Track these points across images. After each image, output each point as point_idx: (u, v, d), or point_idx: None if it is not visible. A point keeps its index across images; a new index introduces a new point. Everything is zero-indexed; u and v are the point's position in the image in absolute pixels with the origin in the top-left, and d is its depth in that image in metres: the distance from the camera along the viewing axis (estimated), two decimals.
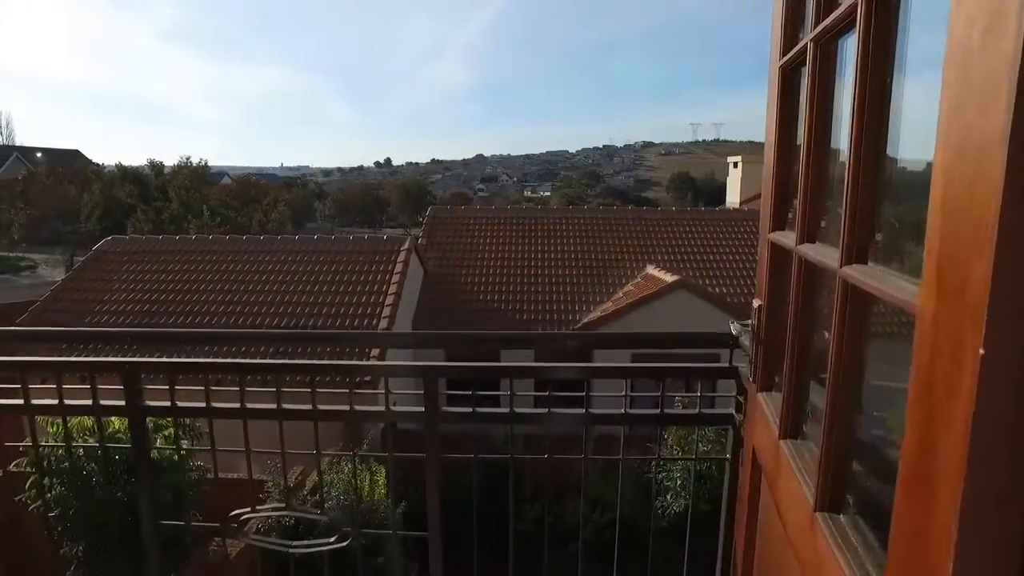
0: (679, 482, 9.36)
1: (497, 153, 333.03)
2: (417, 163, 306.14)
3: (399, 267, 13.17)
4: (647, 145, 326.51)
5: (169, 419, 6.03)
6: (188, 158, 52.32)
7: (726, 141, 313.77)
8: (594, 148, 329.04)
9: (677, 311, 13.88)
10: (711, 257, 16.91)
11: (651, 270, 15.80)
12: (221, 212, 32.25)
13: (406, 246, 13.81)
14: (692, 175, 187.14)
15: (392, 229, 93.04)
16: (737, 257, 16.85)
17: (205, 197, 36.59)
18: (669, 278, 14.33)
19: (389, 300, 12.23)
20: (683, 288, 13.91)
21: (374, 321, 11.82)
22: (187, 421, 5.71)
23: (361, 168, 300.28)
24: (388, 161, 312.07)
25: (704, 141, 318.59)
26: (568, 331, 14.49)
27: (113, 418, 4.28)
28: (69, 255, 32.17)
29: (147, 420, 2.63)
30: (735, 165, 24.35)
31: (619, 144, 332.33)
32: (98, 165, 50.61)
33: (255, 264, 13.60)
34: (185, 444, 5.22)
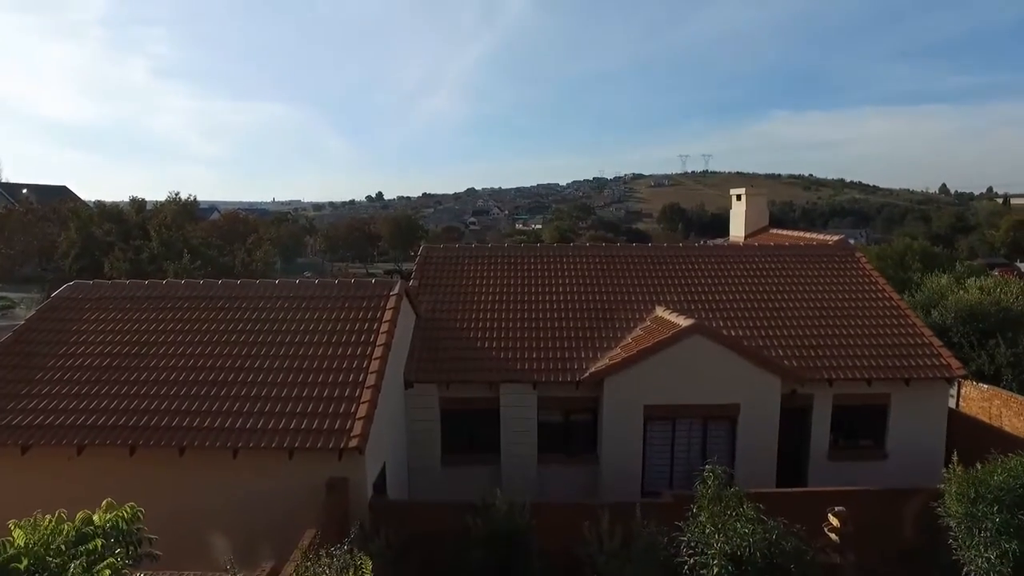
0: (716, 571, 8.03)
1: (488, 186, 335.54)
2: (409, 197, 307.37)
3: (388, 314, 11.99)
4: (637, 177, 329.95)
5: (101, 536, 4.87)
6: (176, 194, 51.36)
7: (715, 172, 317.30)
8: (584, 180, 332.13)
9: (695, 358, 12.76)
10: (721, 296, 15.84)
11: (661, 312, 14.69)
12: (203, 251, 31.01)
13: (396, 290, 12.66)
14: (682, 206, 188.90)
15: (384, 263, 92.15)
16: (748, 295, 15.79)
17: (188, 235, 35.44)
18: (682, 321, 13.23)
19: (378, 353, 11.02)
20: (699, 333, 12.79)
21: (361, 377, 10.60)
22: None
23: (352, 202, 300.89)
24: (380, 195, 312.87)
25: (693, 172, 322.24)
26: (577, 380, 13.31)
27: None
28: (44, 295, 30.80)
29: None
30: (738, 198, 23.47)
31: (609, 176, 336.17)
32: (84, 202, 49.52)
33: (231, 312, 12.40)
34: None
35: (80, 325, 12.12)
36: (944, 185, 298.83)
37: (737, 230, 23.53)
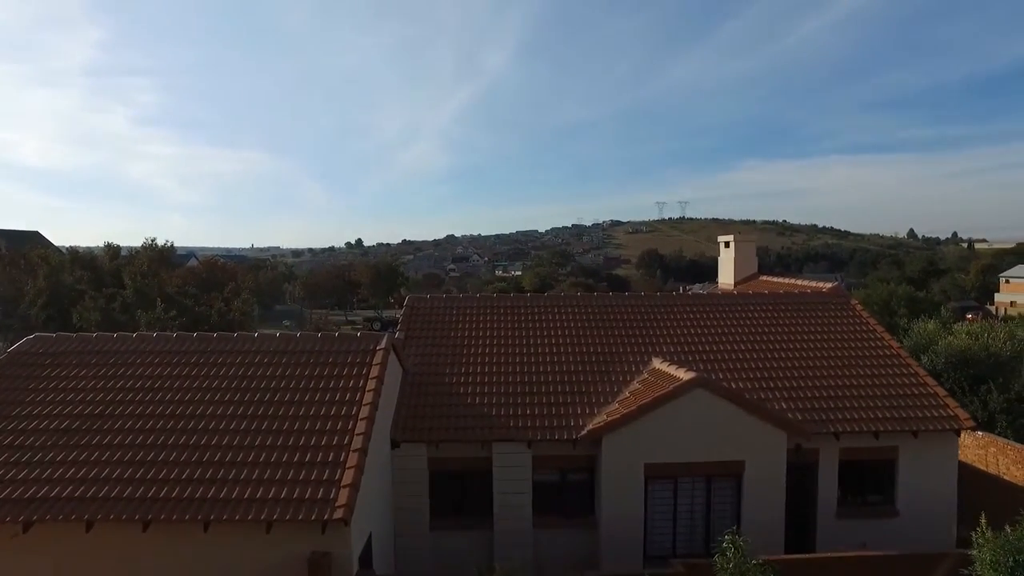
0: None
1: (468, 233, 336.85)
2: (388, 244, 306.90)
3: (375, 371, 11.28)
4: (615, 223, 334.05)
5: None
6: (153, 240, 50.32)
7: (691, 219, 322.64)
8: (563, 227, 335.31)
9: (697, 413, 12.16)
10: (717, 347, 15.35)
11: (658, 364, 14.14)
12: (178, 300, 29.98)
13: (383, 345, 11.97)
14: (660, 252, 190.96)
15: (364, 311, 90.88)
16: (745, 346, 15.32)
17: (164, 283, 34.37)
18: (682, 374, 12.67)
19: (364, 413, 10.27)
20: (701, 387, 12.22)
21: (346, 439, 9.82)
22: None
23: (332, 249, 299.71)
24: (359, 242, 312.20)
25: (670, 219, 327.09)
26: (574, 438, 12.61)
27: None
28: (7, 347, 29.41)
29: None
30: (726, 245, 23.30)
31: (588, 223, 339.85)
32: (56, 247, 48.22)
33: (205, 368, 11.60)
34: None
35: (37, 383, 11.22)
36: (912, 230, 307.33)
37: (726, 277, 23.28)
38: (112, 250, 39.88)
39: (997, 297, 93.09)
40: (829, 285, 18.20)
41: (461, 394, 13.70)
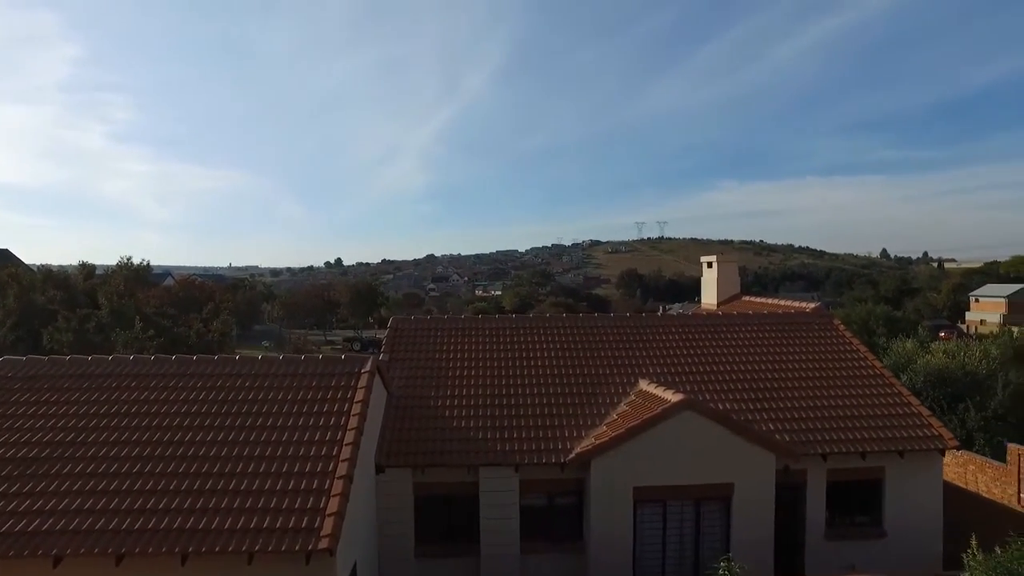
0: None
1: (447, 253, 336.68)
2: (368, 263, 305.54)
3: (360, 394, 11.04)
4: (594, 243, 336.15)
5: None
6: (128, 258, 49.42)
7: (670, 239, 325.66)
8: (543, 247, 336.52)
9: (686, 436, 12.08)
10: (704, 367, 15.32)
11: (645, 386, 14.06)
12: (156, 321, 29.37)
13: (368, 367, 11.74)
14: (640, 272, 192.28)
15: (343, 330, 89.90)
16: (731, 366, 15.31)
17: (141, 302, 33.70)
18: (670, 396, 12.59)
19: (349, 438, 10.02)
20: (690, 409, 12.15)
21: (330, 466, 9.56)
22: None
23: (311, 268, 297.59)
24: (339, 261, 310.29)
25: (649, 239, 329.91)
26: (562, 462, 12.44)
27: None
28: None
29: None
30: (709, 265, 23.41)
31: (567, 243, 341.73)
32: (27, 266, 47.12)
33: (184, 392, 11.26)
34: None
35: (5, 408, 10.79)
36: (884, 250, 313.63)
37: (709, 297, 23.36)
38: (86, 269, 39.13)
39: (968, 315, 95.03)
40: (812, 305, 18.34)
41: (447, 417, 13.48)
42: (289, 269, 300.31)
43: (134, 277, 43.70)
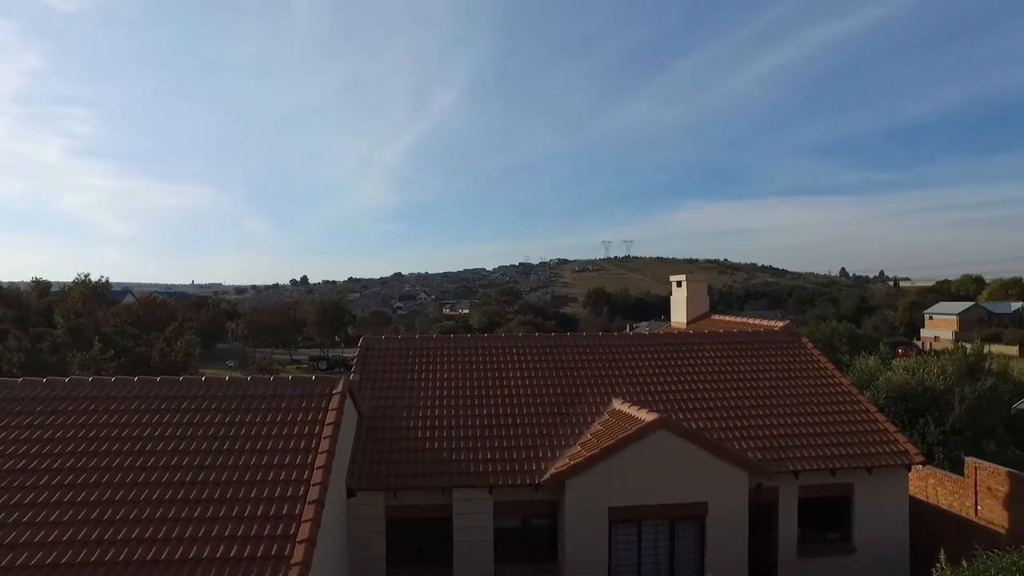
0: None
1: (415, 271, 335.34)
2: (334, 281, 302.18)
3: (332, 416, 10.80)
4: (562, 262, 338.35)
5: None
6: (86, 275, 47.86)
7: (637, 257, 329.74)
8: (511, 266, 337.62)
9: (661, 455, 12.09)
10: (675, 386, 15.40)
11: (618, 405, 14.06)
12: (116, 340, 28.45)
13: (339, 388, 11.51)
14: (607, 290, 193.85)
15: (309, 349, 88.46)
16: (703, 385, 15.42)
17: (100, 321, 32.64)
18: (644, 415, 12.60)
19: (320, 461, 9.76)
20: (665, 428, 12.17)
21: (301, 490, 9.28)
22: None
23: (276, 286, 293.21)
24: (304, 279, 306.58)
25: (616, 258, 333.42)
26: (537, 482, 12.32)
27: None
28: None
29: None
30: (678, 284, 23.67)
31: (535, 262, 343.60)
32: None
33: (147, 415, 10.85)
34: None
35: None
36: (844, 269, 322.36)
37: (679, 316, 23.60)
38: (40, 286, 37.80)
39: (923, 332, 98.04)
40: (780, 324, 18.63)
41: (419, 439, 13.28)
42: (254, 287, 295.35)
43: (92, 294, 42.41)
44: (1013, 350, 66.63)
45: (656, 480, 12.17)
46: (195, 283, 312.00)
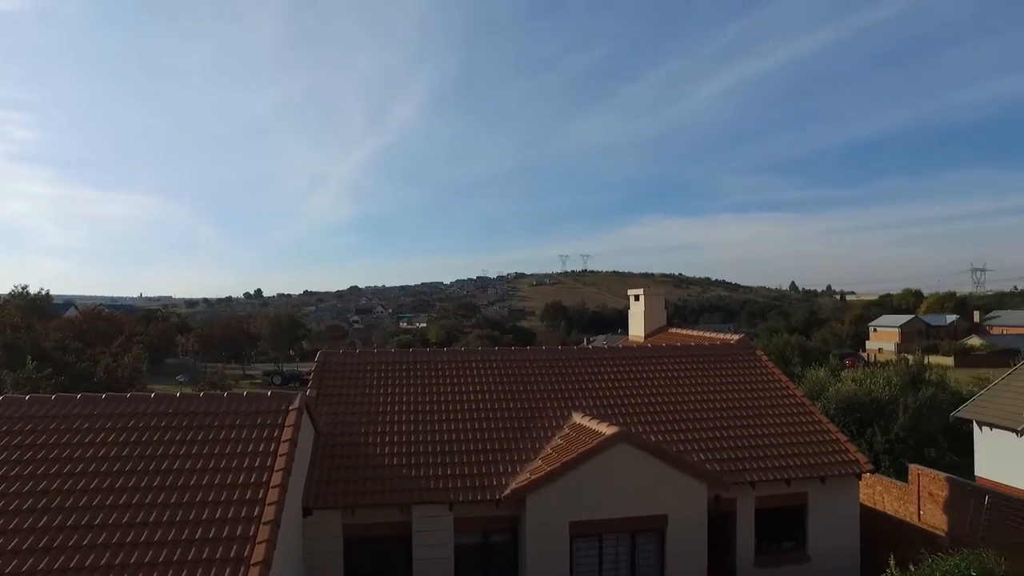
0: None
1: (372, 284, 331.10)
2: (289, 295, 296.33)
3: (288, 433, 10.52)
4: (519, 276, 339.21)
5: None
6: (25, 287, 45.69)
7: (593, 271, 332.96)
8: (468, 279, 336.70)
9: (621, 468, 12.14)
10: (634, 399, 15.53)
11: (578, 419, 14.09)
12: (56, 356, 27.20)
13: (296, 405, 11.23)
14: (564, 304, 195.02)
15: (263, 364, 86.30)
16: (661, 398, 15.59)
17: (39, 335, 31.18)
18: (604, 429, 12.66)
19: (276, 480, 9.49)
20: (625, 441, 12.24)
21: (256, 511, 9.00)
22: None
23: (230, 299, 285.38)
24: (259, 292, 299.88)
25: (573, 271, 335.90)
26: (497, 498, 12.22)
27: None
28: None
29: None
30: (636, 298, 23.97)
31: (492, 275, 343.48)
32: None
33: (91, 434, 10.38)
34: None
35: None
36: (793, 283, 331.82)
37: (636, 329, 23.87)
38: None
39: (868, 344, 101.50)
40: (736, 337, 19.01)
41: (377, 455, 13.04)
42: (206, 300, 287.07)
43: (31, 307, 40.55)
44: (949, 361, 69.60)
45: (617, 494, 12.20)
46: (143, 296, 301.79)
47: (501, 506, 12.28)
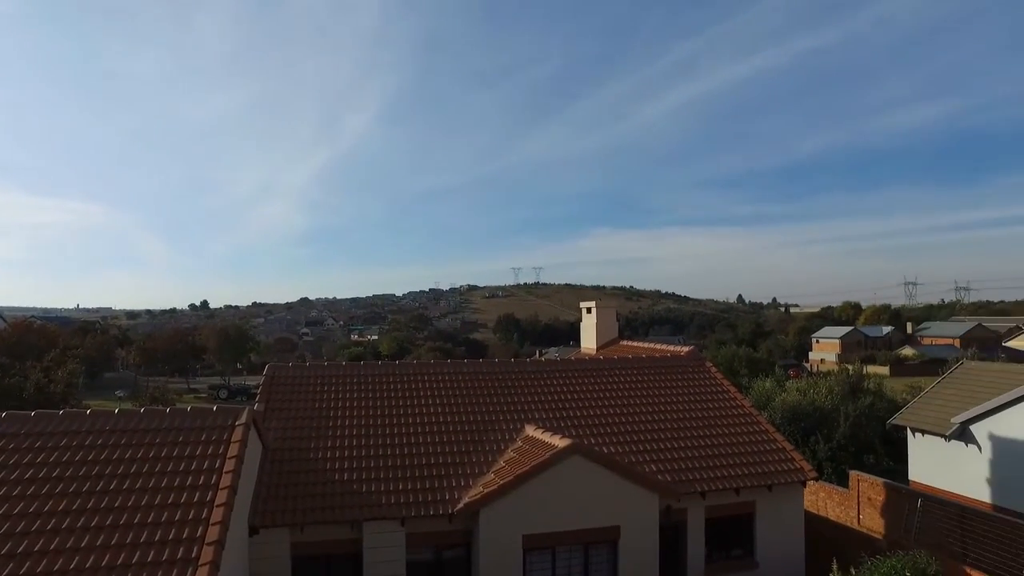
0: None
1: (322, 296, 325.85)
2: (237, 306, 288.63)
3: (234, 449, 10.20)
4: (472, 288, 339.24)
5: None
6: None
7: (546, 284, 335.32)
8: (421, 291, 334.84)
9: (574, 481, 12.18)
10: (586, 411, 15.62)
11: (531, 431, 14.09)
12: None
13: (242, 420, 10.90)
14: (517, 316, 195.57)
15: (209, 377, 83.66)
16: (613, 409, 15.73)
17: None
18: (557, 441, 12.69)
19: (221, 498, 9.17)
20: (578, 453, 12.30)
21: (199, 531, 8.66)
22: None
23: (174, 311, 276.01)
24: (205, 303, 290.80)
25: (525, 284, 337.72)
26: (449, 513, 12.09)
27: None
28: None
29: None
30: (588, 311, 24.21)
31: (445, 287, 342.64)
32: None
33: (19, 454, 9.82)
34: None
35: None
36: (740, 296, 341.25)
37: (589, 342, 24.08)
38: None
39: (811, 355, 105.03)
40: (686, 349, 19.38)
41: (327, 471, 12.75)
42: (148, 311, 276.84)
43: None
44: (885, 370, 72.67)
45: (570, 506, 12.23)
46: (81, 307, 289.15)
47: (454, 521, 12.16)
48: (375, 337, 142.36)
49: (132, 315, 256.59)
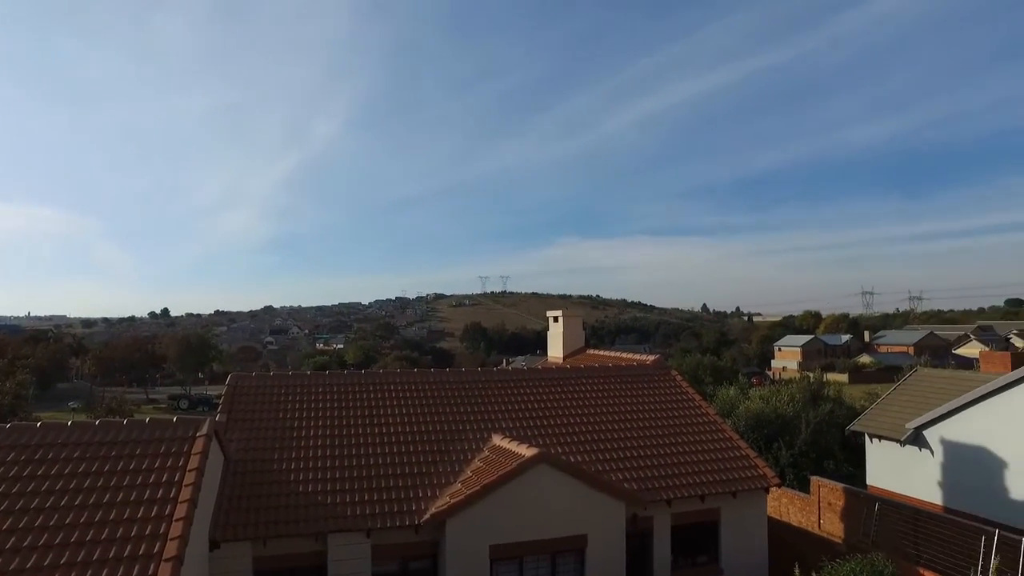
0: None
1: (287, 304, 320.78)
2: (199, 315, 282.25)
3: (195, 461, 9.94)
4: (439, 297, 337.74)
5: None
6: None
7: (512, 293, 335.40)
8: (387, 300, 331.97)
9: (541, 490, 12.18)
10: (553, 420, 15.66)
11: (498, 441, 14.06)
12: None
13: (204, 431, 10.65)
14: (483, 325, 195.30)
15: (169, 387, 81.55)
16: (579, 418, 15.80)
17: None
18: (524, 450, 12.69)
19: (181, 512, 8.92)
20: (544, 462, 12.30)
21: (156, 547, 8.41)
22: None
23: (132, 319, 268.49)
24: (165, 312, 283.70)
25: (492, 293, 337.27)
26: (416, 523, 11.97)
27: None
28: None
29: None
30: (555, 319, 24.29)
31: (411, 296, 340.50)
32: None
33: None
34: None
35: None
36: (705, 305, 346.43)
37: (555, 350, 24.14)
38: None
39: (773, 363, 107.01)
40: (651, 357, 19.57)
41: (291, 482, 12.51)
42: (105, 319, 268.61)
43: None
44: (844, 378, 74.46)
45: (537, 515, 12.23)
46: (31, 315, 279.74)
47: (420, 531, 12.04)
48: (341, 346, 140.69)
49: (88, 323, 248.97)
